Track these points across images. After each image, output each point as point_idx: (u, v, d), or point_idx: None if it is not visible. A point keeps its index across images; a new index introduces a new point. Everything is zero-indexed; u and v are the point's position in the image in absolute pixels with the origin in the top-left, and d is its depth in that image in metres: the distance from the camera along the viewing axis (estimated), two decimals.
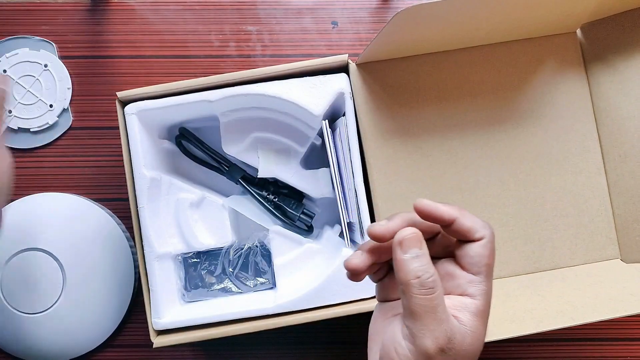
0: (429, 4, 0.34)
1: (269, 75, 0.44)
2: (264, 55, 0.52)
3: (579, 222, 0.46)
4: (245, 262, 0.48)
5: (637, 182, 0.44)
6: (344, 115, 0.44)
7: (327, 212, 0.50)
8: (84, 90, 0.52)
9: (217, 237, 0.47)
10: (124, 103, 0.44)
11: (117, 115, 0.44)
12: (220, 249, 0.48)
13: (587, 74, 0.47)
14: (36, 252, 0.47)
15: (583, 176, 0.46)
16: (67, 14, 0.52)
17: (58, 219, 0.49)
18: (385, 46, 0.42)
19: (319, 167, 0.48)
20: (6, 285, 0.47)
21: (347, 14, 0.53)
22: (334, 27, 0.53)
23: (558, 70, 0.47)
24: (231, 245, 0.48)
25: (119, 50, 0.52)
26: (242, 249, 0.48)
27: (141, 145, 0.44)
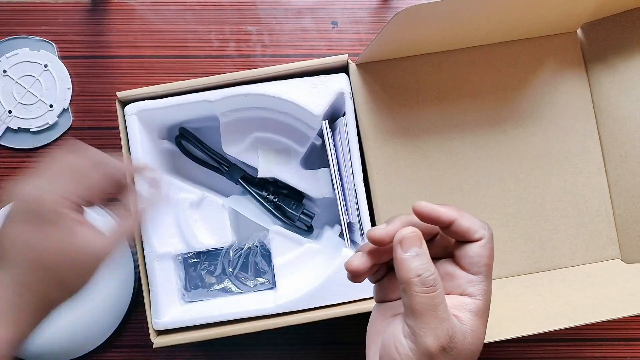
0: (428, 4, 0.34)
1: (269, 75, 0.44)
2: (264, 55, 0.52)
3: (579, 222, 0.46)
4: (245, 262, 0.48)
5: (637, 182, 0.44)
6: (344, 115, 0.44)
7: (327, 212, 0.50)
8: (84, 90, 0.52)
9: (217, 237, 0.47)
10: (124, 103, 0.44)
11: (117, 115, 0.44)
12: (220, 249, 0.48)
13: (587, 74, 0.47)
14: None
15: (583, 176, 0.46)
16: (67, 14, 0.52)
17: None
18: (385, 46, 0.42)
19: (319, 167, 0.48)
20: None
21: (347, 14, 0.53)
22: (334, 27, 0.53)
23: (558, 70, 0.47)
24: (231, 246, 0.48)
25: (119, 50, 0.52)
26: (242, 249, 0.48)
27: (141, 145, 0.44)
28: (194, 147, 0.49)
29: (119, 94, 0.43)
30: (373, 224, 0.44)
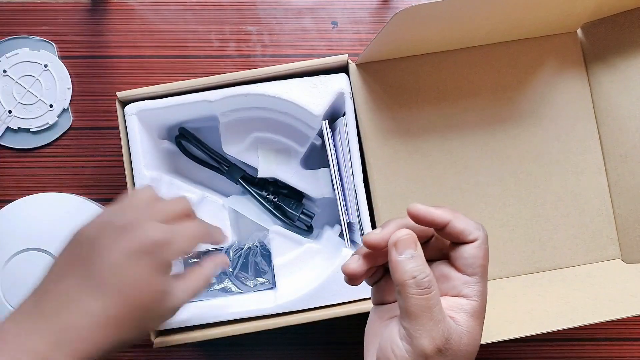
0: (428, 4, 0.34)
1: (269, 75, 0.44)
2: (264, 55, 0.52)
3: (579, 222, 0.46)
4: (245, 262, 0.48)
5: (638, 182, 0.44)
6: (344, 115, 0.44)
7: (327, 212, 0.50)
8: (84, 90, 0.52)
9: None
10: (124, 103, 0.44)
11: (117, 115, 0.44)
12: (221, 248, 0.48)
13: (587, 74, 0.47)
14: (36, 252, 0.47)
15: (584, 176, 0.46)
16: (67, 14, 0.52)
17: (58, 219, 0.48)
18: (385, 46, 0.42)
19: (319, 167, 0.48)
20: (6, 285, 0.47)
21: (347, 14, 0.53)
22: (334, 27, 0.53)
23: (558, 70, 0.46)
24: (231, 245, 0.48)
25: (119, 50, 0.52)
26: (242, 249, 0.48)
27: (141, 145, 0.44)
28: (194, 147, 0.49)
29: (119, 94, 0.43)
30: (373, 224, 0.44)
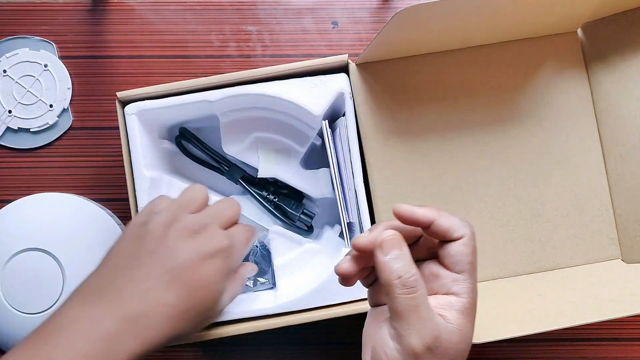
0: (428, 4, 0.34)
1: (269, 75, 0.44)
2: (264, 55, 0.52)
3: (579, 222, 0.46)
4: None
5: (638, 181, 0.44)
6: (344, 115, 0.44)
7: (327, 212, 0.50)
8: (84, 90, 0.52)
9: None
10: (124, 103, 0.44)
11: (117, 115, 0.44)
12: None
13: (588, 74, 0.47)
14: (36, 252, 0.47)
15: (584, 176, 0.46)
16: (67, 14, 0.52)
17: (58, 219, 0.49)
18: (385, 46, 0.42)
19: (319, 167, 0.48)
20: (6, 285, 0.47)
21: (347, 14, 0.53)
22: (334, 27, 0.53)
23: (559, 70, 0.47)
24: None
25: (119, 50, 0.52)
26: None
27: (141, 145, 0.44)
28: (194, 147, 0.49)
29: (119, 94, 0.43)
30: (373, 223, 0.44)
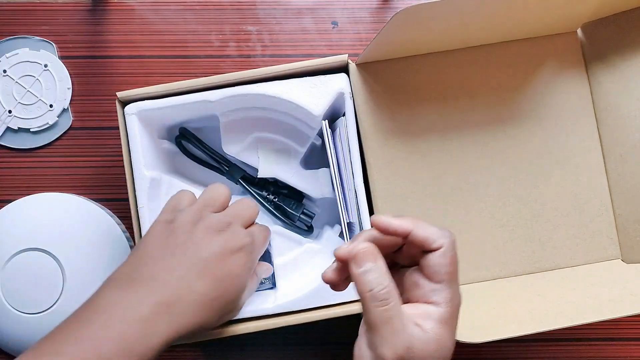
0: (428, 4, 0.34)
1: (269, 75, 0.44)
2: (264, 55, 0.52)
3: (579, 222, 0.46)
4: None
5: (638, 181, 0.44)
6: (344, 115, 0.44)
7: (327, 212, 0.50)
8: (84, 90, 0.52)
9: None
10: (124, 103, 0.44)
11: (117, 115, 0.44)
12: None
13: (587, 74, 0.47)
14: (36, 252, 0.47)
15: (584, 176, 0.46)
16: (67, 14, 0.52)
17: (58, 219, 0.49)
18: (385, 46, 0.42)
19: (319, 167, 0.48)
20: (6, 285, 0.47)
21: (347, 14, 0.53)
22: (334, 27, 0.53)
23: (558, 70, 0.47)
24: None
25: (119, 50, 0.52)
26: None
27: (141, 145, 0.44)
28: (194, 147, 0.49)
29: (119, 94, 0.43)
30: None
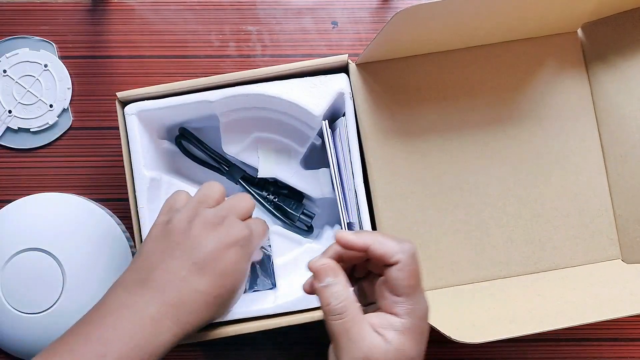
0: (428, 4, 0.34)
1: (269, 75, 0.44)
2: (264, 55, 0.52)
3: (579, 222, 0.46)
4: None
5: (638, 182, 0.44)
6: (344, 115, 0.44)
7: (327, 212, 0.50)
8: (84, 90, 0.52)
9: None
10: (124, 103, 0.44)
11: (117, 115, 0.44)
12: None
13: (588, 74, 0.47)
14: (36, 252, 0.47)
15: (584, 176, 0.46)
16: (67, 14, 0.52)
17: (58, 219, 0.49)
18: (385, 46, 0.42)
19: (319, 167, 0.48)
20: (6, 285, 0.47)
21: (347, 14, 0.53)
22: (334, 27, 0.53)
23: (559, 70, 0.47)
24: None
25: (119, 51, 0.52)
26: None
27: (141, 145, 0.44)
28: (194, 147, 0.49)
29: (119, 94, 0.43)
30: (373, 224, 0.44)
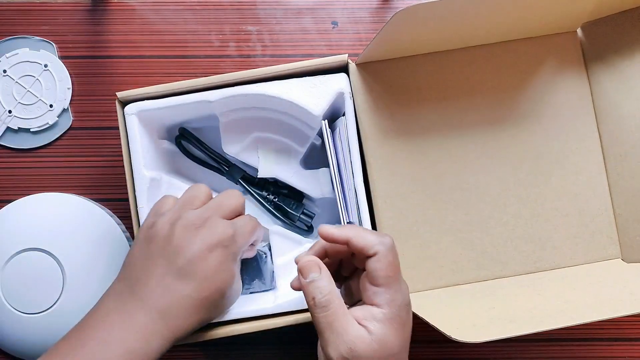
0: (428, 4, 0.34)
1: (269, 75, 0.44)
2: (264, 55, 0.52)
3: (579, 222, 0.46)
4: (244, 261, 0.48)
5: (638, 181, 0.44)
6: (343, 115, 0.44)
7: (327, 212, 0.50)
8: (84, 90, 0.52)
9: None
10: (124, 103, 0.44)
11: (117, 115, 0.44)
12: None
13: (587, 73, 0.47)
14: (36, 252, 0.47)
15: (583, 176, 0.46)
16: (67, 14, 0.52)
17: (58, 219, 0.49)
18: (385, 46, 0.42)
19: (319, 167, 0.48)
20: (6, 285, 0.47)
21: (347, 14, 0.53)
22: (334, 27, 0.53)
23: (558, 70, 0.47)
24: None
25: (119, 50, 0.52)
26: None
27: (141, 145, 0.44)
28: (194, 147, 0.49)
29: (119, 94, 0.43)
30: (373, 223, 0.44)
